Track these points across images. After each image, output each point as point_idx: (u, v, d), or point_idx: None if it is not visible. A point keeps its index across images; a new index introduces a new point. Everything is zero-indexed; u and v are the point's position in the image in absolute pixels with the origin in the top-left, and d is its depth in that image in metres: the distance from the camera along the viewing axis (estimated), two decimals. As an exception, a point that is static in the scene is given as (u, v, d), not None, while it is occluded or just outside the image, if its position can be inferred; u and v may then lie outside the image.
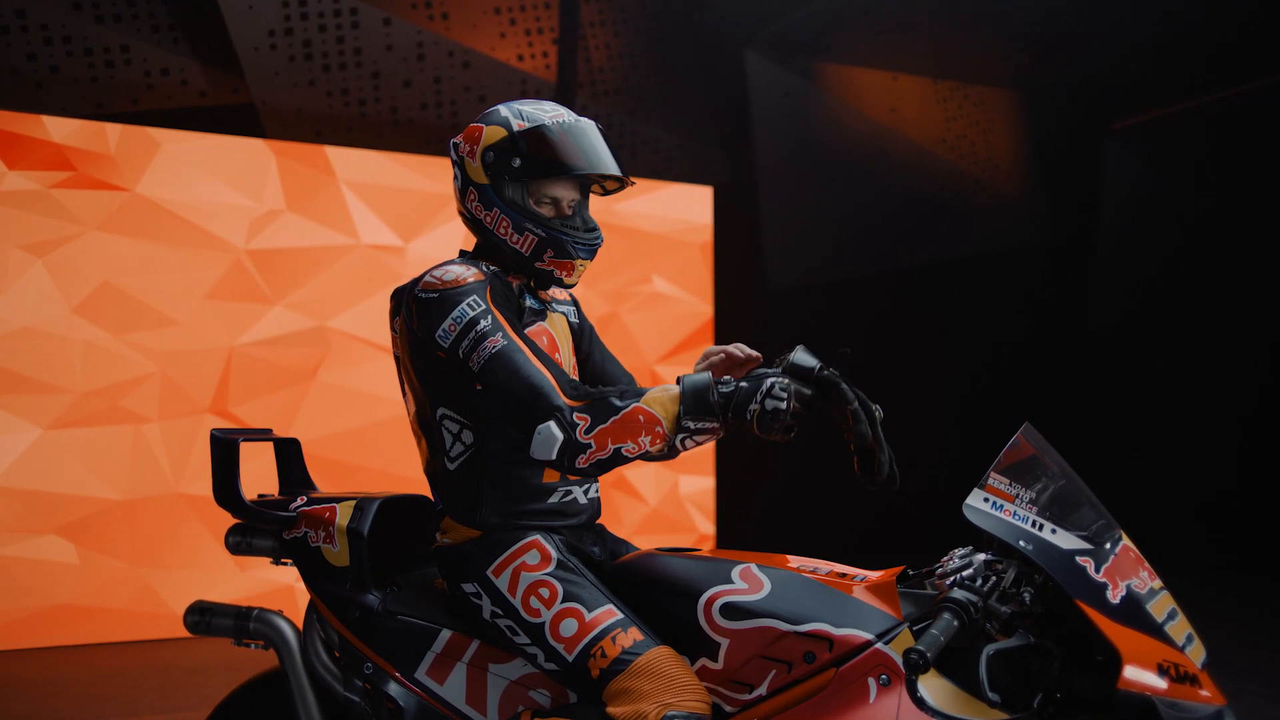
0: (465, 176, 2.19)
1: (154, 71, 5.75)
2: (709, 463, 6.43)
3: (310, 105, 6.01)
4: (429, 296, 2.06)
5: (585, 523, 2.20)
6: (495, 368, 1.99)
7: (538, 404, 1.93)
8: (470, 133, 2.19)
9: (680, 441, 1.94)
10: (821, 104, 7.21)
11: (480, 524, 2.11)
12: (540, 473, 2.13)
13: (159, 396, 5.19)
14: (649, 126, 6.77)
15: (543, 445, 1.93)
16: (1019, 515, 1.90)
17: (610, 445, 1.93)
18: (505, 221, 2.15)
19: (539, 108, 2.21)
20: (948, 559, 2.02)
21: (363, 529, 2.21)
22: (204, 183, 5.35)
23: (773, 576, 2.02)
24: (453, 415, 2.12)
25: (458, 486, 2.13)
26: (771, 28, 6.97)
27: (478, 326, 2.02)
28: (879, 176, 7.24)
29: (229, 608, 2.31)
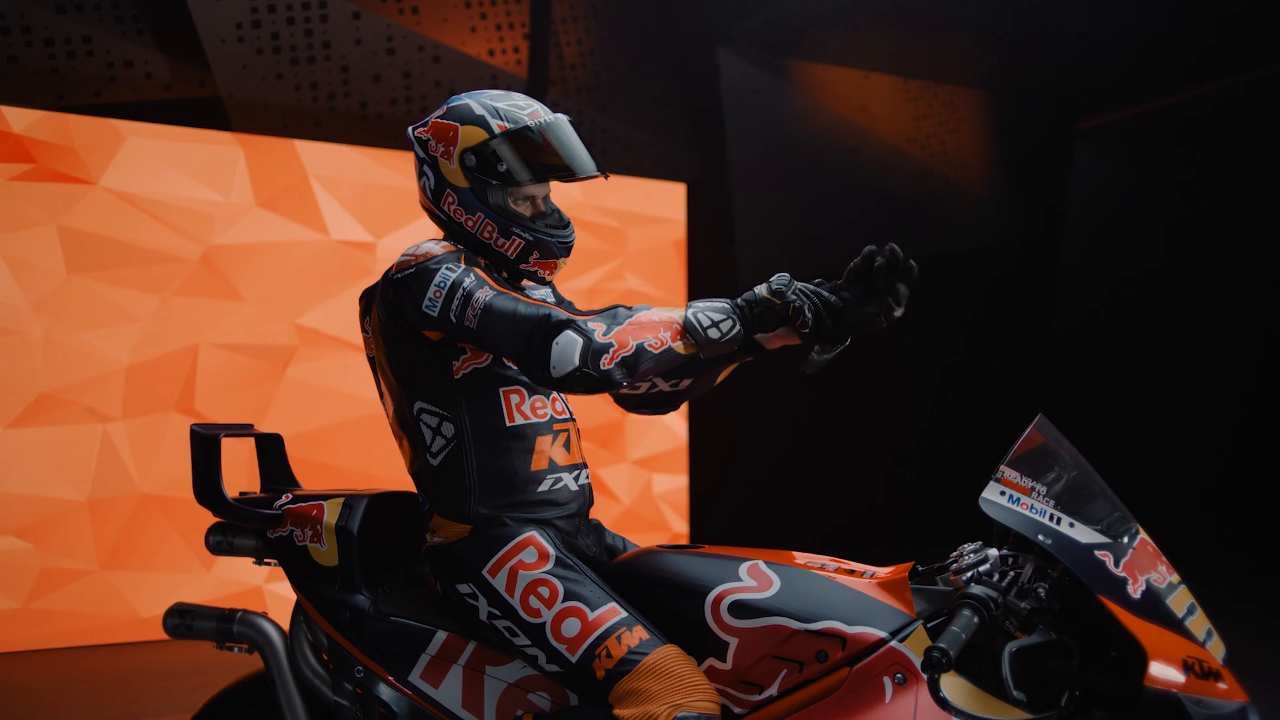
0: (440, 178, 2.10)
1: (117, 63, 5.59)
2: (682, 461, 6.37)
3: (278, 99, 5.89)
4: (406, 274, 1.99)
5: (577, 512, 2.12)
6: (493, 316, 1.90)
7: (548, 323, 1.85)
8: (441, 131, 2.10)
9: (699, 334, 1.87)
10: (793, 102, 7.17)
11: (470, 518, 2.02)
12: (527, 460, 2.05)
13: (123, 395, 5.05)
14: (621, 123, 6.70)
15: (563, 355, 1.82)
16: (1036, 509, 1.84)
17: (632, 341, 1.84)
18: (490, 226, 2.08)
19: (513, 105, 2.13)
20: (957, 554, 1.96)
21: (352, 527, 2.12)
22: (170, 177, 5.21)
23: (782, 573, 1.95)
24: (430, 409, 2.04)
25: (443, 482, 2.05)
26: (744, 25, 6.92)
27: (463, 285, 1.94)
28: (850, 174, 7.21)
29: (211, 610, 2.20)
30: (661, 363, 1.89)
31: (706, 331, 1.89)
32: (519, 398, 2.07)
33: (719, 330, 1.90)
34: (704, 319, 1.90)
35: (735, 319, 1.90)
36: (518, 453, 2.04)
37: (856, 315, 1.91)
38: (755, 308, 1.91)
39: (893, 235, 7.59)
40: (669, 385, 2.21)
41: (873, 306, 1.91)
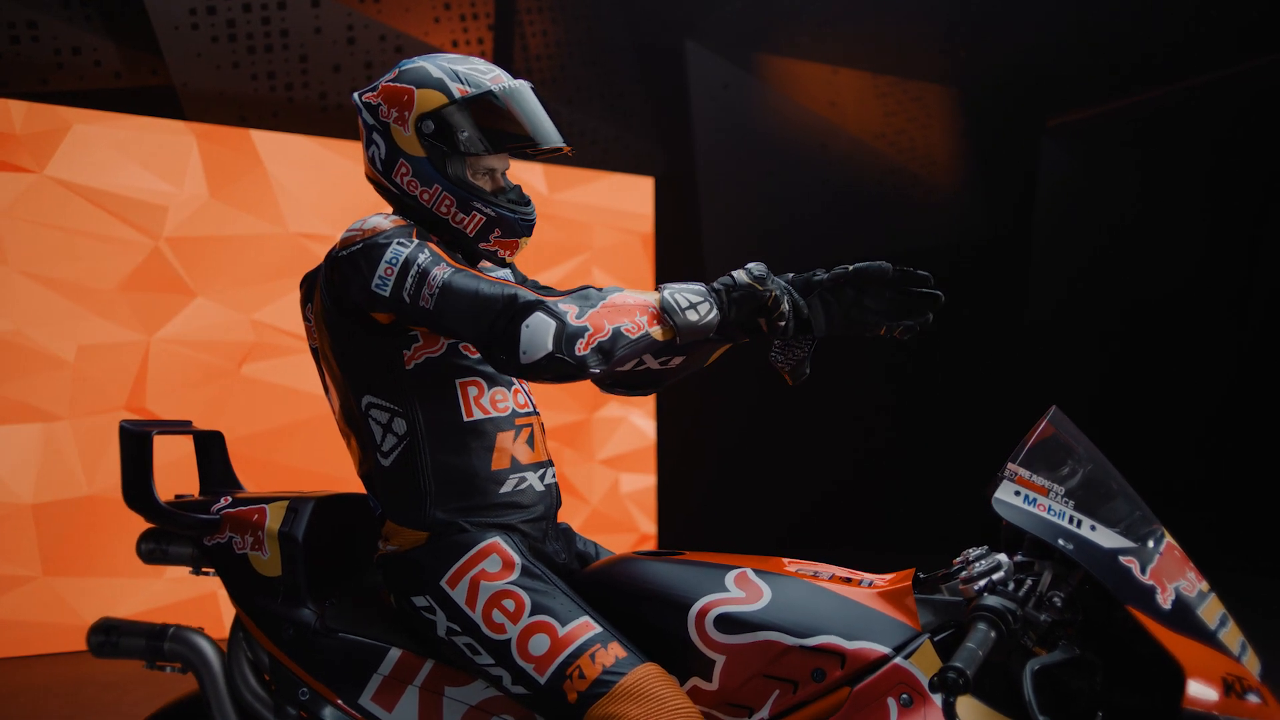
0: (392, 147, 1.88)
1: (64, 50, 5.31)
2: (650, 460, 6.16)
3: (234, 89, 5.62)
4: (352, 251, 1.77)
5: (544, 515, 1.90)
6: (453, 295, 1.69)
7: (515, 304, 1.65)
8: (395, 95, 1.88)
9: (678, 315, 1.70)
10: (762, 96, 7.00)
11: (427, 523, 1.80)
12: (487, 458, 1.83)
13: (70, 393, 4.78)
14: (587, 117, 6.49)
15: (534, 338, 1.63)
16: (1054, 510, 1.64)
17: (608, 325, 1.66)
18: (448, 200, 1.87)
19: (474, 68, 1.92)
20: (963, 559, 1.76)
21: (297, 533, 1.90)
22: (119, 166, 4.94)
23: (772, 583, 1.74)
24: (380, 403, 1.82)
25: (396, 484, 1.83)
26: (712, 17, 6.73)
27: (418, 262, 1.73)
28: (818, 170, 7.06)
29: (140, 625, 1.96)
30: (638, 349, 1.69)
31: (685, 313, 1.70)
32: (477, 390, 1.86)
33: (697, 313, 1.71)
34: (681, 299, 1.71)
35: (713, 303, 1.72)
36: (477, 451, 1.83)
37: (844, 316, 1.80)
38: (734, 292, 1.74)
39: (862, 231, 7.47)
40: (657, 363, 2.01)
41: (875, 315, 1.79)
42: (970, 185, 7.59)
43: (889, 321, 1.79)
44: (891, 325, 1.79)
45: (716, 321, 1.74)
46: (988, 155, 7.51)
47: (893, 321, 1.79)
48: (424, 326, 1.75)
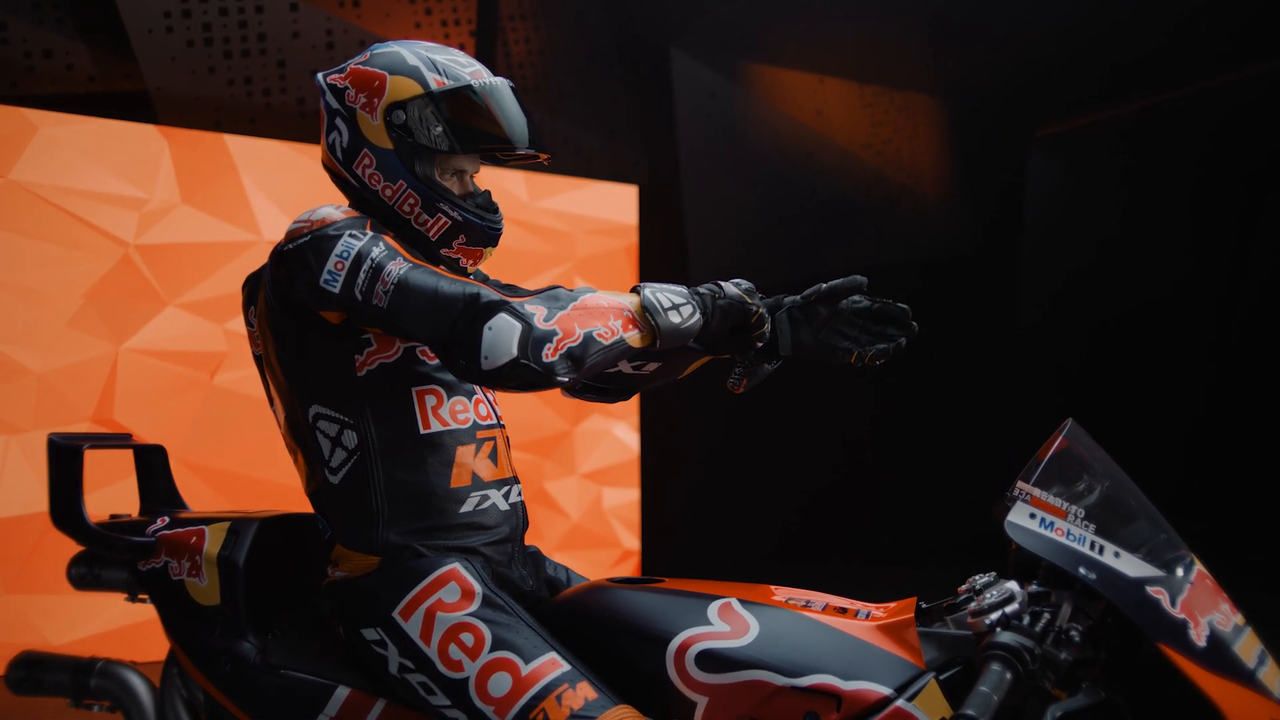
0: (357, 134, 1.70)
1: (35, 53, 5.11)
2: (633, 474, 5.97)
3: (210, 94, 5.43)
4: (299, 244, 1.58)
5: (509, 536, 1.71)
6: (409, 293, 1.51)
7: (478, 304, 1.48)
8: (365, 79, 1.70)
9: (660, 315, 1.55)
10: (748, 105, 6.84)
11: (379, 547, 1.61)
12: (446, 474, 1.64)
13: (34, 404, 4.56)
14: (570, 125, 6.32)
15: (498, 342, 1.46)
16: (1074, 535, 1.46)
17: (579, 329, 1.50)
18: (412, 198, 1.69)
19: (453, 60, 1.75)
20: (969, 588, 1.57)
21: (237, 558, 1.70)
22: (88, 170, 4.74)
23: (760, 615, 1.55)
24: (328, 414, 1.62)
25: (346, 504, 1.64)
26: (697, 25, 6.57)
27: (371, 256, 1.54)
28: (805, 179, 6.90)
29: (65, 660, 1.76)
30: (611, 356, 1.51)
31: (667, 314, 1.52)
32: (435, 400, 1.67)
33: (680, 315, 1.53)
34: (664, 299, 1.53)
35: (696, 306, 1.57)
36: (434, 466, 1.64)
37: (813, 338, 1.69)
38: (720, 300, 1.59)
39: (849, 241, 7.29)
40: (630, 367, 1.82)
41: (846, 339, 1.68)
42: (958, 196, 7.46)
43: (860, 347, 1.67)
44: (863, 351, 1.67)
45: (699, 327, 1.57)
46: (975, 166, 7.38)
47: (864, 347, 1.67)
48: (377, 327, 1.56)
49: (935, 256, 7.28)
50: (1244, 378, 6.85)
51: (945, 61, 6.99)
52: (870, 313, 1.69)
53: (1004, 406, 7.37)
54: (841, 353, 1.68)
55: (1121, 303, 7.07)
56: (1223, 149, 6.73)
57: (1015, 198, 7.40)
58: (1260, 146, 6.68)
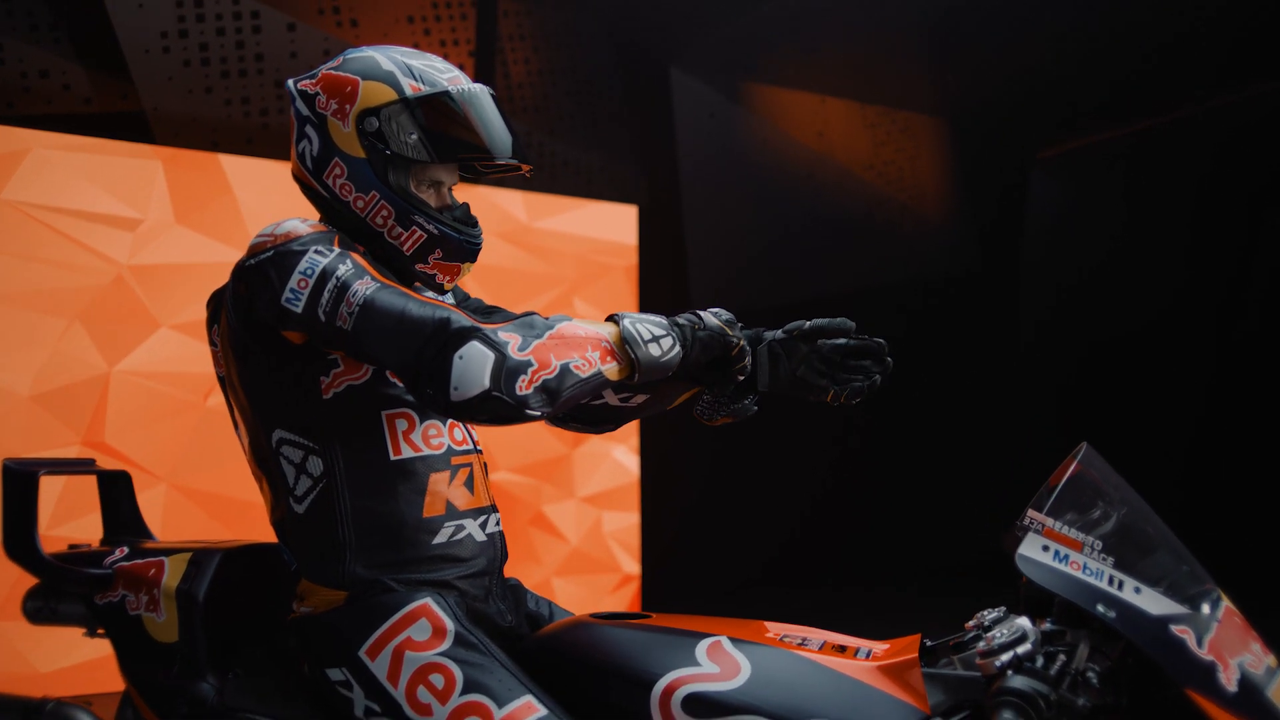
0: (328, 142, 1.60)
1: (31, 73, 5.03)
2: (634, 498, 5.84)
3: (206, 114, 5.34)
4: (262, 259, 1.47)
5: (486, 569, 1.59)
6: (375, 315, 1.41)
7: (448, 330, 1.38)
8: (336, 85, 1.60)
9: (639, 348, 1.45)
10: (748, 125, 6.75)
11: (346, 581, 1.49)
12: (418, 503, 1.52)
13: (24, 428, 4.44)
14: (570, 146, 6.23)
15: (469, 372, 1.36)
16: (1091, 569, 1.33)
17: (555, 361, 1.40)
18: (385, 210, 1.59)
19: (430, 65, 1.66)
20: (977, 624, 1.44)
21: (197, 591, 1.58)
22: (80, 190, 4.64)
23: (752, 655, 1.43)
24: (293, 439, 1.51)
25: (311, 534, 1.52)
26: (698, 45, 6.49)
27: (336, 274, 1.43)
28: (806, 200, 6.81)
29: (13, 700, 1.64)
30: (588, 389, 1.40)
31: (647, 346, 1.42)
32: (407, 424, 1.55)
33: (659, 347, 1.43)
34: (643, 330, 1.42)
35: (675, 338, 1.47)
36: (406, 495, 1.52)
37: (790, 375, 1.61)
38: (701, 331, 1.50)
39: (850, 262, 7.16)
40: (617, 399, 1.71)
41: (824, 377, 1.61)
42: (959, 216, 7.37)
43: (837, 386, 1.59)
44: (840, 390, 1.59)
45: (679, 360, 1.46)
46: (977, 186, 7.30)
47: (841, 386, 1.59)
48: (341, 350, 1.45)
49: (936, 276, 7.19)
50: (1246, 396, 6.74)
51: (947, 82, 6.92)
52: (849, 349, 1.61)
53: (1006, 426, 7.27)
54: (818, 391, 1.61)
55: (1122, 322, 6.99)
56: (1223, 169, 6.66)
57: (1016, 218, 7.32)
58: (1261, 166, 6.60)
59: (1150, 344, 6.87)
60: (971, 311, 7.30)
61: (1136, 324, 6.91)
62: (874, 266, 6.93)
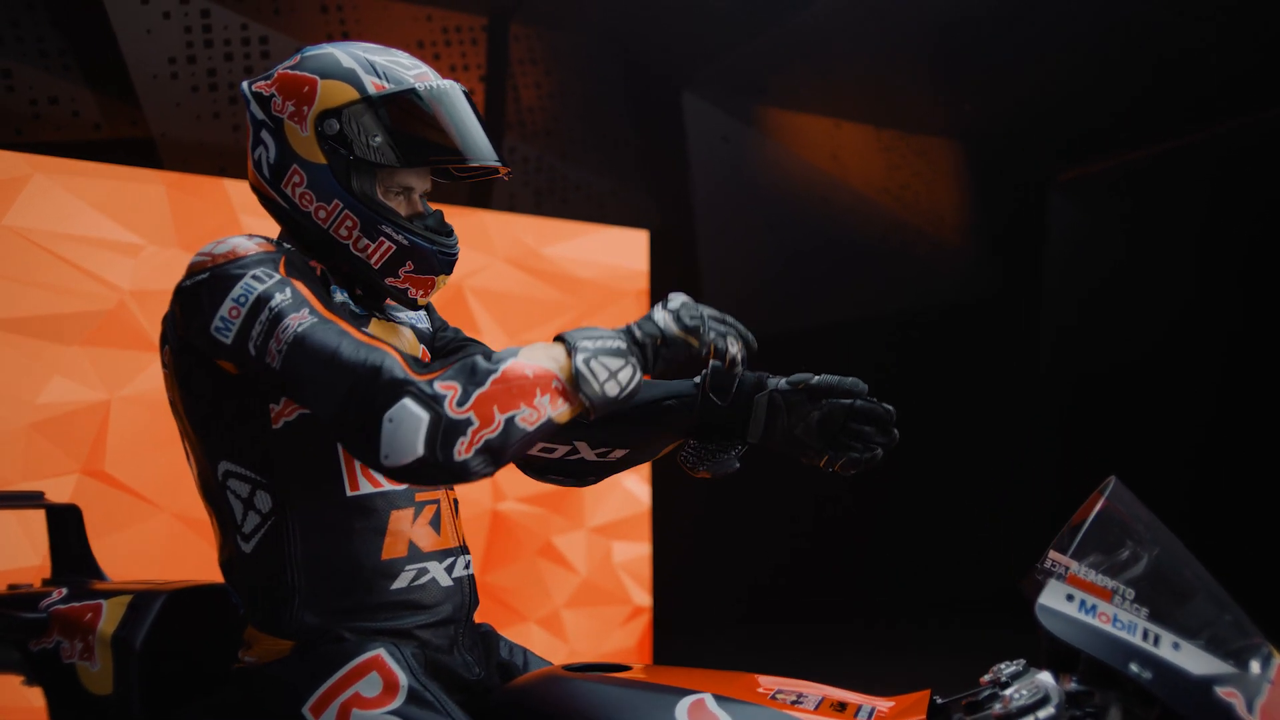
0: (285, 148, 1.45)
1: (41, 100, 4.97)
2: (645, 528, 5.67)
3: (215, 139, 5.26)
4: (196, 281, 1.32)
5: (451, 617, 1.42)
6: (303, 355, 1.25)
7: (377, 382, 1.21)
8: (293, 85, 1.46)
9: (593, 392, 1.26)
10: (762, 149, 6.62)
11: (293, 629, 1.33)
12: (376, 544, 1.36)
13: (23, 456, 4.32)
14: (581, 170, 6.10)
15: (400, 437, 1.19)
16: (1122, 622, 1.16)
17: (499, 415, 1.22)
18: (350, 220, 1.44)
19: (395, 61, 1.49)
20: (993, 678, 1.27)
21: (135, 638, 1.43)
22: (83, 215, 4.53)
23: (739, 715, 1.26)
24: (239, 472, 1.35)
25: (258, 576, 1.36)
26: (710, 69, 6.37)
27: (271, 303, 1.28)
28: (820, 225, 6.67)
29: None
30: (537, 440, 1.24)
31: (604, 386, 1.25)
32: None
33: (617, 384, 1.27)
34: (599, 369, 1.25)
35: (635, 365, 1.29)
36: (362, 534, 1.36)
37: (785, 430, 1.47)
38: (663, 348, 1.32)
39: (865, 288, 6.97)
40: (594, 454, 1.55)
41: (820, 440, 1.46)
42: (977, 241, 7.21)
43: (833, 450, 1.45)
44: (835, 457, 1.45)
45: (639, 387, 1.30)
46: (995, 211, 7.14)
47: (838, 453, 1.45)
48: (274, 389, 1.30)
49: (953, 302, 7.04)
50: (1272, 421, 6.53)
51: (963, 105, 6.77)
52: (854, 412, 1.46)
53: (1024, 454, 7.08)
54: (813, 453, 1.46)
55: (1148, 351, 6.78)
56: (1246, 191, 6.48)
57: (1035, 242, 7.15)
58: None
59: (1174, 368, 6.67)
60: (989, 336, 7.14)
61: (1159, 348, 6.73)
62: (889, 291, 6.78)
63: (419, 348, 1.57)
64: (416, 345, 1.57)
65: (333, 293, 1.46)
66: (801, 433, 1.45)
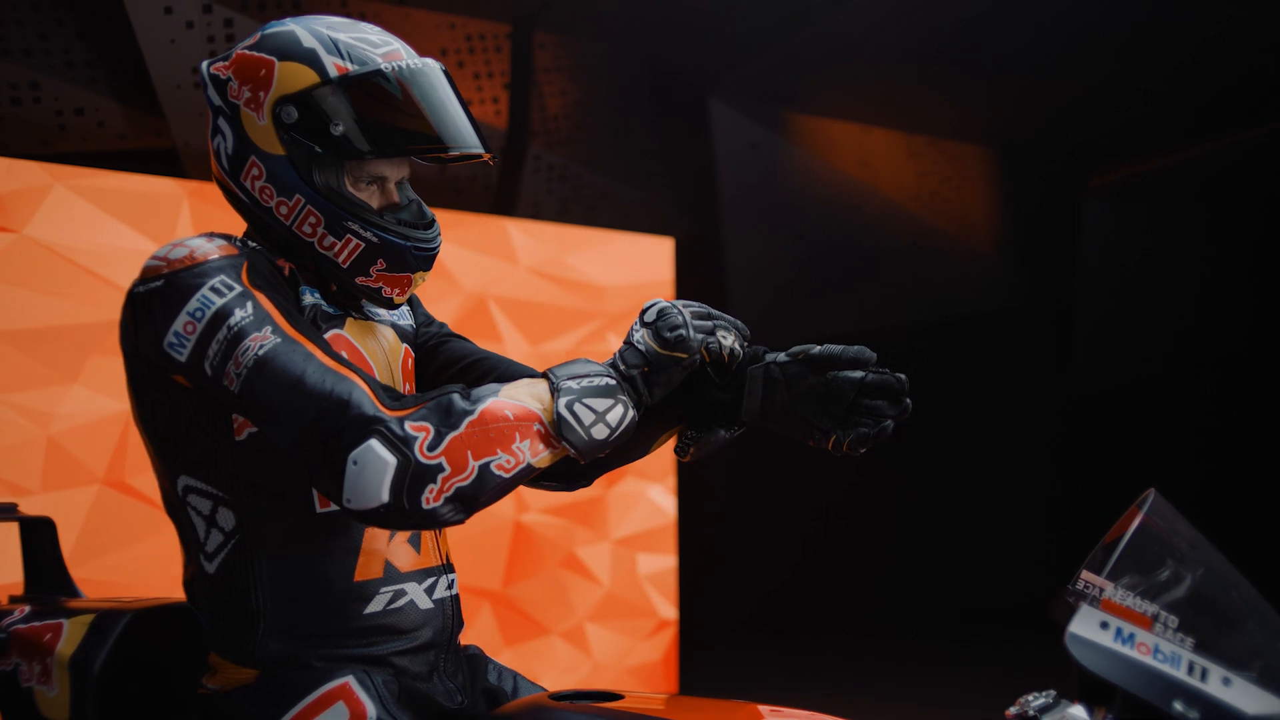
0: (242, 138, 1.34)
1: (67, 111, 4.95)
2: (671, 539, 5.54)
3: (239, 150, 5.19)
4: (150, 288, 1.21)
5: (432, 642, 1.30)
6: (264, 380, 1.14)
7: (343, 418, 1.10)
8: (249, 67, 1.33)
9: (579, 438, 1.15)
10: (790, 156, 6.49)
11: (257, 658, 1.22)
12: (349, 564, 1.24)
13: (43, 466, 4.26)
14: (607, 178, 6.00)
15: (364, 482, 1.09)
16: (1164, 653, 1.02)
17: (473, 461, 1.11)
18: (313, 216, 1.32)
19: (361, 38, 1.35)
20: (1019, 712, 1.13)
21: (93, 661, 1.32)
22: (104, 224, 4.48)
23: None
24: (200, 487, 1.24)
25: (221, 599, 1.25)
26: (736, 75, 6.25)
27: (230, 320, 1.17)
28: (849, 232, 6.53)
29: None
30: (514, 487, 1.12)
31: (590, 430, 1.15)
32: None
33: (606, 426, 1.16)
34: (583, 413, 1.15)
35: (628, 402, 1.19)
36: (334, 554, 1.25)
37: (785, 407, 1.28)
38: (654, 375, 1.22)
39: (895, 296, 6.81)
40: None
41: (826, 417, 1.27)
42: (1009, 248, 7.05)
43: (841, 429, 1.27)
44: (843, 435, 1.27)
45: (635, 423, 1.19)
46: (1027, 217, 6.98)
47: (845, 430, 1.27)
48: (234, 411, 1.19)
49: (984, 309, 6.88)
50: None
51: (994, 110, 6.62)
52: (863, 385, 1.28)
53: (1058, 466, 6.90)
54: (818, 434, 1.28)
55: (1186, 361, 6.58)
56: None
57: (1069, 249, 6.98)
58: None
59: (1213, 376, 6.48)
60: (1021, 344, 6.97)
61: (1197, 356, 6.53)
62: (920, 300, 6.64)
63: (400, 348, 1.45)
64: (398, 346, 1.45)
65: (303, 293, 1.34)
66: (804, 410, 1.28)
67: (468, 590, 4.93)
